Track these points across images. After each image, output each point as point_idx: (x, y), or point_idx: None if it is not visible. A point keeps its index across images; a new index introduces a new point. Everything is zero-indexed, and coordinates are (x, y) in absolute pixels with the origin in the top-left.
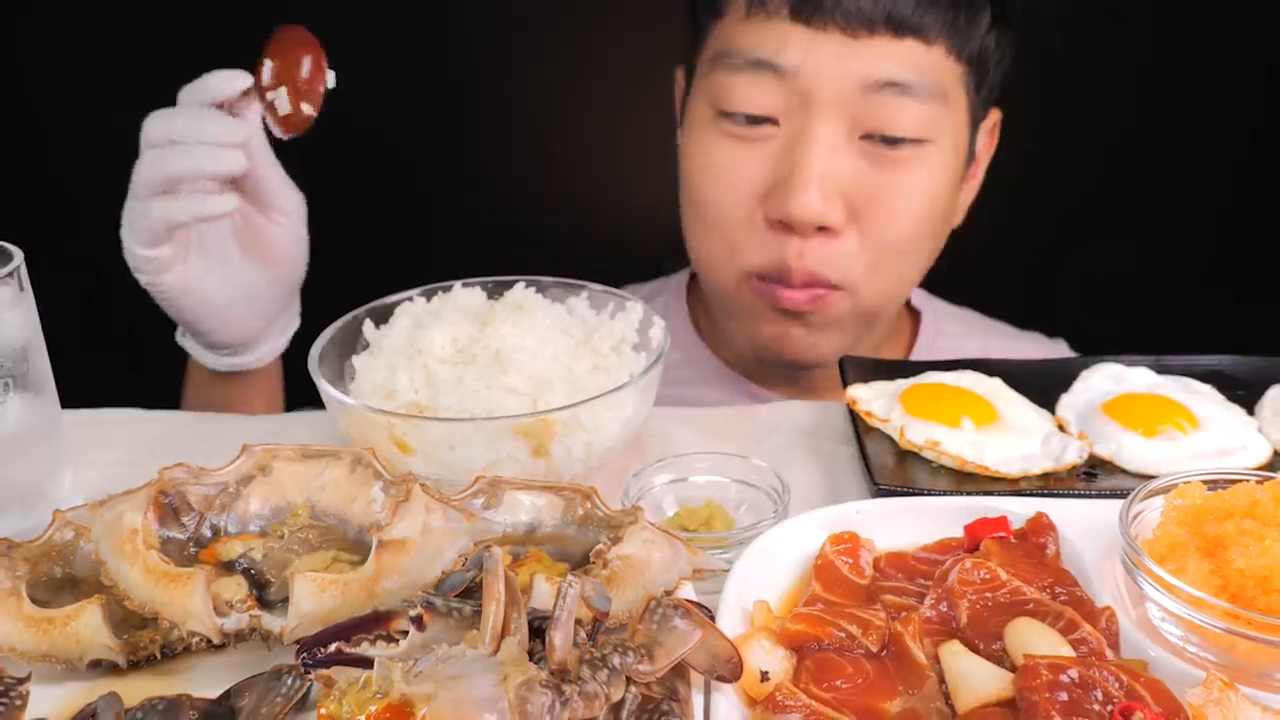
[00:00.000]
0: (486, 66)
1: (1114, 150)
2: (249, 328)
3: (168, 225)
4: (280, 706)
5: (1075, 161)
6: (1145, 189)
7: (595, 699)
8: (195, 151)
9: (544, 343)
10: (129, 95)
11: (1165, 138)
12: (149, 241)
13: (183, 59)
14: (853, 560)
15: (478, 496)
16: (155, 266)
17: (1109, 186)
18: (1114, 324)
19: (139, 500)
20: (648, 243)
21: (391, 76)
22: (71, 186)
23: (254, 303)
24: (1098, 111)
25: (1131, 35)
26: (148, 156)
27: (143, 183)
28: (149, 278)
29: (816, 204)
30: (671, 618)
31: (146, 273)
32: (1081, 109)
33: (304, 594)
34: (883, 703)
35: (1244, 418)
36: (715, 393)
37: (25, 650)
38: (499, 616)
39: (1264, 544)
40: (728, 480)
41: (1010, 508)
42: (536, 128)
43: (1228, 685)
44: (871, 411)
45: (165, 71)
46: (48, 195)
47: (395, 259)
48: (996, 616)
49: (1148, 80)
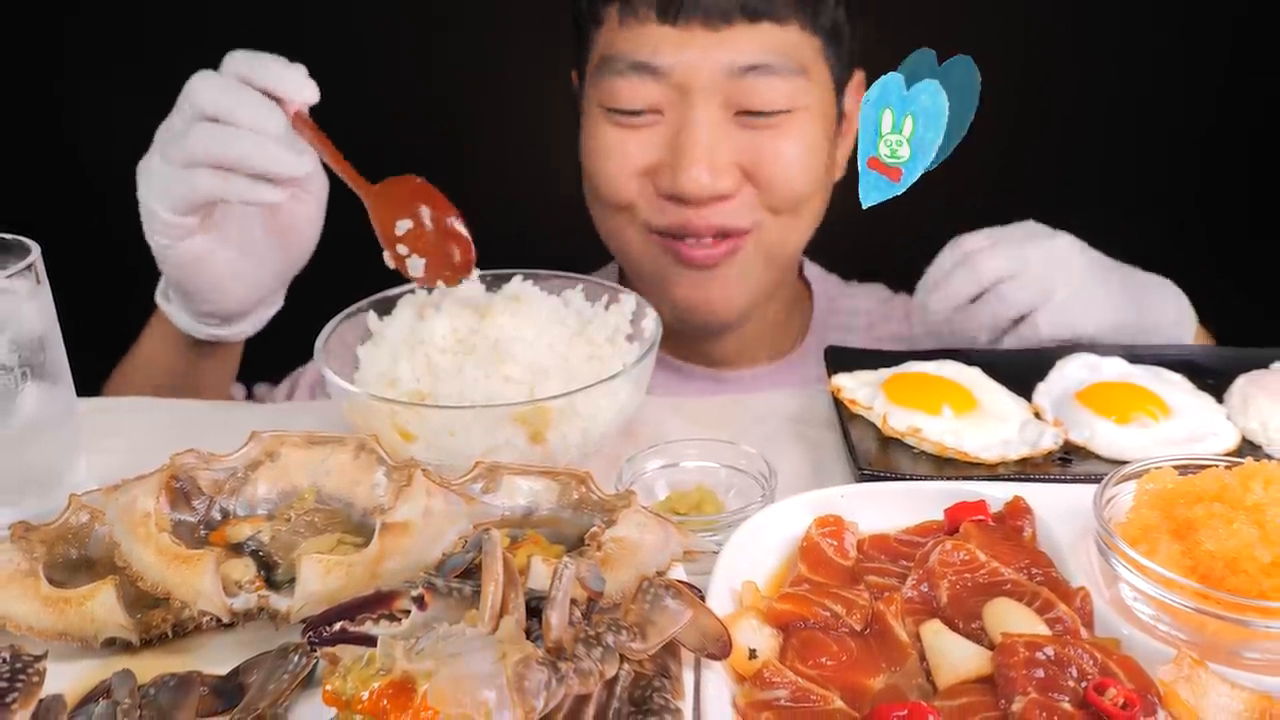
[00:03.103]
0: (483, 64)
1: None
2: (245, 302)
3: (210, 200)
4: (287, 683)
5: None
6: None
7: (590, 676)
8: (262, 149)
9: (541, 333)
10: (151, 95)
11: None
12: (182, 209)
13: (208, 59)
14: (837, 542)
15: (477, 481)
16: (177, 233)
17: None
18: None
19: (151, 485)
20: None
21: (387, 73)
22: (89, 181)
23: (259, 279)
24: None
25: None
26: (204, 131)
27: (189, 154)
28: (166, 241)
29: (706, 179)
30: (663, 598)
31: (165, 237)
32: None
33: (310, 575)
34: (866, 679)
35: (1213, 406)
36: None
37: (42, 629)
38: (497, 596)
39: (1232, 527)
40: (717, 465)
41: (989, 492)
42: (532, 127)
43: (1197, 662)
44: (855, 400)
45: (187, 71)
46: (66, 190)
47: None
48: (975, 596)
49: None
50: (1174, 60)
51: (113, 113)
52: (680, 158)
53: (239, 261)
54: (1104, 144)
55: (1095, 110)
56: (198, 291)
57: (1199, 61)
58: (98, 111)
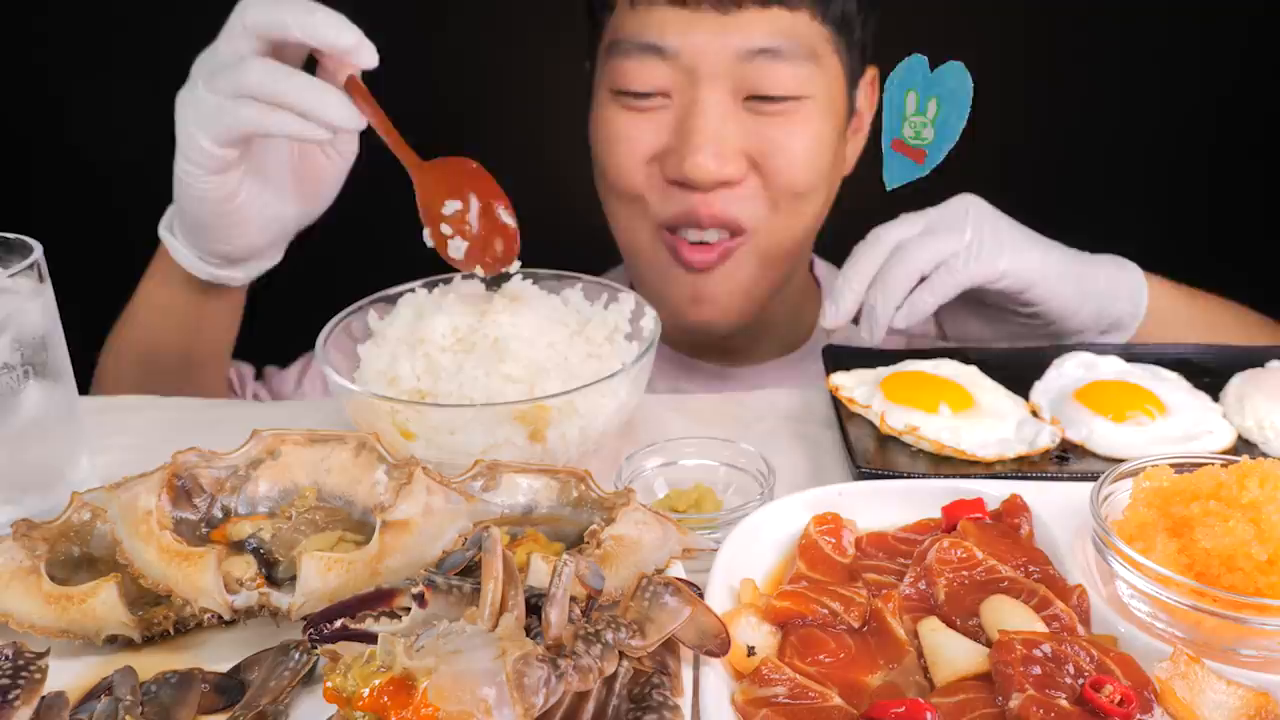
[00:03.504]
0: (481, 63)
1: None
2: (256, 245)
3: (256, 133)
4: (288, 680)
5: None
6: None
7: (589, 672)
8: (316, 90)
9: (540, 332)
10: (154, 96)
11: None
12: (224, 140)
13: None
14: (835, 540)
15: (477, 479)
16: (215, 165)
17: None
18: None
19: (153, 483)
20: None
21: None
22: (92, 181)
23: (276, 226)
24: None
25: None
26: (257, 66)
27: (241, 84)
28: (198, 172)
29: (712, 164)
30: (662, 595)
31: (200, 167)
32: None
33: (311, 572)
34: (864, 676)
35: (1209, 404)
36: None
37: (45, 626)
38: (497, 594)
39: (1228, 524)
40: (716, 464)
41: (986, 490)
42: (529, 127)
43: (1193, 659)
44: (853, 398)
45: (179, 71)
46: (68, 189)
47: (397, 252)
48: (973, 594)
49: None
50: (1187, 53)
51: (115, 113)
52: (687, 141)
53: (264, 201)
54: (1112, 140)
55: (1106, 109)
56: (215, 229)
57: (1211, 51)
58: (100, 112)
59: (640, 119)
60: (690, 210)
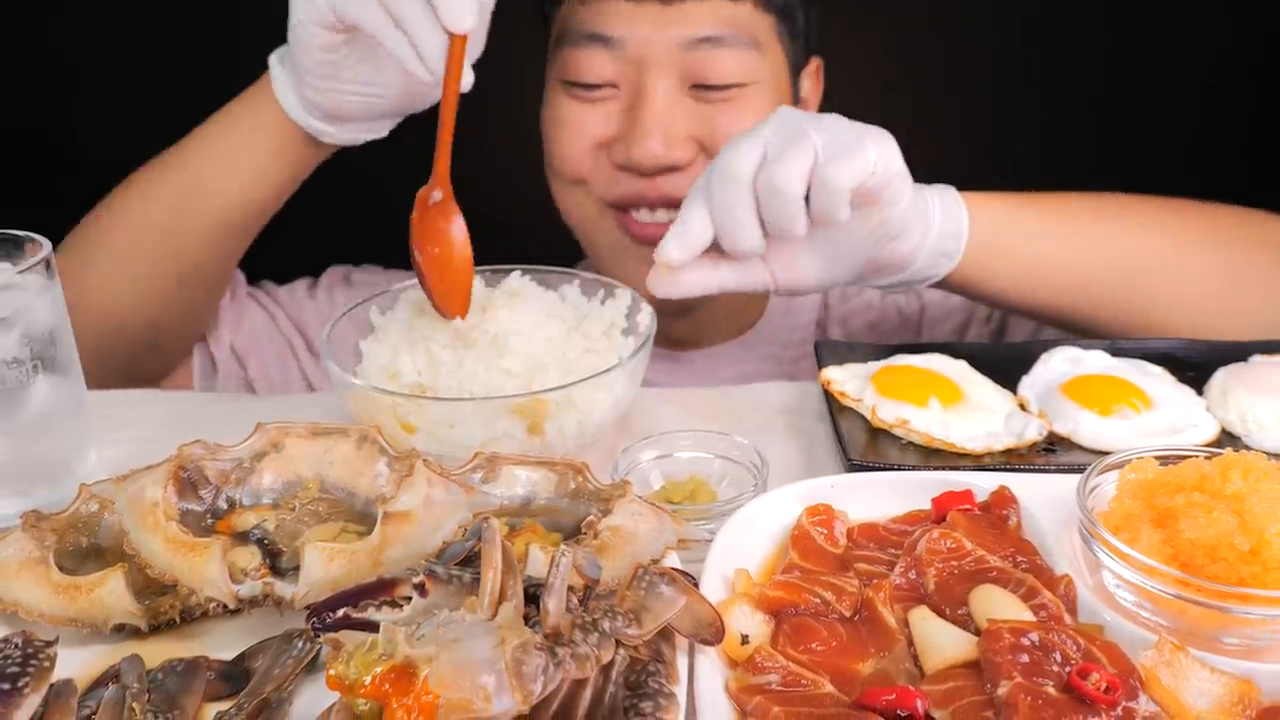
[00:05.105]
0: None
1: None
2: (352, 112)
3: (354, 25)
4: (291, 668)
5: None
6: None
7: (586, 661)
8: (429, 37)
9: (538, 327)
10: (162, 95)
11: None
12: (339, 9)
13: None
14: (827, 531)
15: (476, 471)
16: (327, 22)
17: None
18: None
19: (159, 475)
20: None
21: None
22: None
23: (377, 103)
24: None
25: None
26: None
27: None
28: (308, 22)
29: (659, 149)
30: (658, 585)
31: (311, 21)
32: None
33: (314, 563)
34: (855, 664)
35: (1193, 398)
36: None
37: (53, 615)
38: (496, 583)
39: (1212, 515)
40: (711, 456)
41: (975, 482)
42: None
43: (1178, 648)
44: (845, 392)
45: (194, 71)
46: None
47: (396, 251)
48: (962, 583)
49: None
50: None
51: (123, 112)
52: (634, 128)
53: (362, 73)
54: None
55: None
56: (318, 76)
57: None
58: (108, 111)
59: (588, 108)
60: (638, 193)
